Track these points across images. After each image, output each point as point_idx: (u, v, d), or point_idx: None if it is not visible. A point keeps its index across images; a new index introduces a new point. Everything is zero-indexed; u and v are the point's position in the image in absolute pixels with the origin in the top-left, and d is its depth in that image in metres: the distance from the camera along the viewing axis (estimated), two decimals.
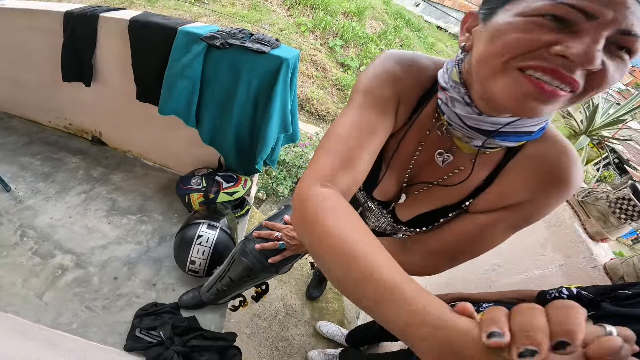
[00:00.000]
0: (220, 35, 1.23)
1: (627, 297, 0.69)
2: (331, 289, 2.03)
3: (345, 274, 0.35)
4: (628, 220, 0.92)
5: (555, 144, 0.50)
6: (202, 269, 1.25)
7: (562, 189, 0.49)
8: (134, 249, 1.40)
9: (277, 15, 9.37)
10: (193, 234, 1.24)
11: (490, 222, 0.54)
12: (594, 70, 0.35)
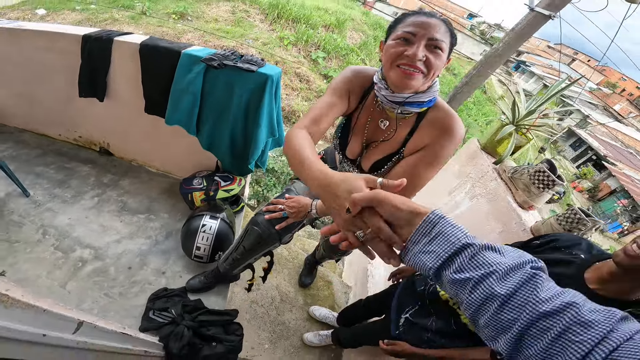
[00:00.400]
0: (217, 57, 1.47)
1: (538, 245, 0.94)
2: (321, 278, 2.21)
3: (296, 162, 0.71)
4: (545, 188, 1.18)
5: (444, 111, 0.88)
6: (206, 254, 1.43)
7: (449, 135, 0.85)
8: (145, 242, 1.57)
9: (260, 30, 9.65)
10: (198, 224, 1.43)
11: (415, 160, 0.89)
12: (423, 60, 0.75)
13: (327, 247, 1.67)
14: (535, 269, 0.40)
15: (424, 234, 0.43)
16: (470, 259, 0.40)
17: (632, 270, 0.70)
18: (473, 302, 0.40)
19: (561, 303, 0.36)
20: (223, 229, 1.46)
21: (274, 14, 9.93)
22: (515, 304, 0.37)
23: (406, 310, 1.09)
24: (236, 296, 1.76)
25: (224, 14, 9.91)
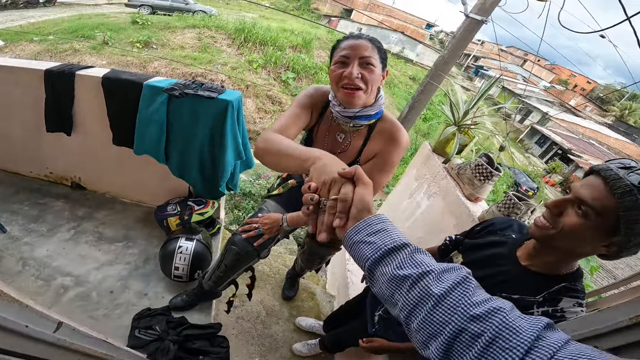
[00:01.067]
0: (178, 87, 1.54)
1: (478, 231, 1.02)
2: (304, 289, 2.24)
3: (276, 156, 0.75)
4: (486, 180, 1.32)
5: (390, 122, 1.02)
6: (185, 274, 1.47)
7: (395, 143, 0.99)
8: (124, 267, 1.60)
9: (228, 55, 9.82)
10: (174, 246, 1.48)
11: (368, 168, 1.00)
12: (360, 77, 0.88)
13: (304, 259, 1.72)
14: (468, 274, 0.41)
15: (369, 224, 0.45)
16: (409, 256, 0.42)
17: (547, 242, 0.74)
18: (409, 302, 0.40)
19: (490, 307, 0.36)
20: (200, 249, 1.51)
21: (240, 38, 10.14)
22: (448, 305, 0.38)
23: (379, 307, 1.14)
24: (222, 313, 1.74)
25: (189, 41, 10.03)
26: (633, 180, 0.61)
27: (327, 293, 2.33)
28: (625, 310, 0.50)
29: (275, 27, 11.49)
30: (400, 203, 1.89)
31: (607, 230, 0.64)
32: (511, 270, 0.82)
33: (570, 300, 0.74)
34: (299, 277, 2.10)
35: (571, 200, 0.68)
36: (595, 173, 0.67)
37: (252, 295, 1.50)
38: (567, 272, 0.77)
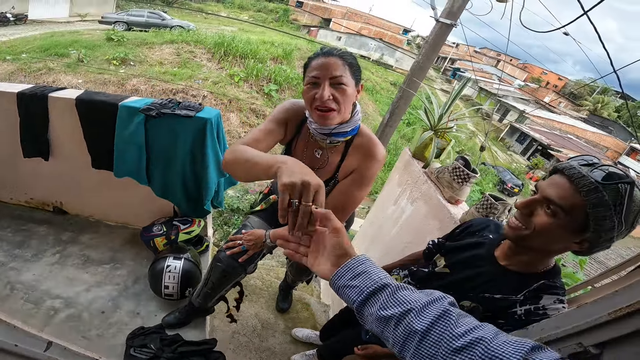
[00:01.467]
0: (154, 106, 1.53)
1: (458, 233, 1.03)
2: (298, 301, 2.23)
3: (244, 165, 0.78)
4: (463, 182, 1.36)
5: (367, 137, 1.01)
6: (176, 292, 1.46)
7: (372, 158, 0.99)
8: (114, 288, 1.58)
9: (209, 69, 9.77)
10: (162, 265, 1.47)
11: (347, 183, 1.02)
12: (331, 98, 0.87)
13: (293, 271, 1.72)
14: (449, 304, 0.43)
15: (350, 268, 0.49)
16: (391, 296, 0.44)
17: (521, 242, 0.74)
18: (398, 339, 0.42)
19: (472, 338, 0.38)
20: (188, 267, 1.50)
21: (220, 52, 10.13)
22: (432, 340, 0.40)
23: None
24: (217, 329, 1.76)
25: (168, 57, 9.95)
26: (596, 177, 0.61)
27: (321, 303, 2.32)
28: (604, 305, 0.51)
29: (255, 39, 11.55)
30: (386, 209, 1.92)
31: (577, 227, 0.64)
32: (491, 271, 0.83)
33: (550, 297, 0.75)
34: (292, 289, 2.10)
35: (539, 201, 0.68)
36: (560, 172, 0.67)
37: (239, 307, 1.51)
38: (544, 269, 0.78)
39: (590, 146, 22.68)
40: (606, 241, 0.64)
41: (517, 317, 0.75)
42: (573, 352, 0.52)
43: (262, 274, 2.38)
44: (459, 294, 0.85)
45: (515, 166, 19.03)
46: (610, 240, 0.64)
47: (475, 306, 0.83)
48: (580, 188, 0.62)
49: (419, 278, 1.01)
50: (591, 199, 0.60)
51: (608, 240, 0.64)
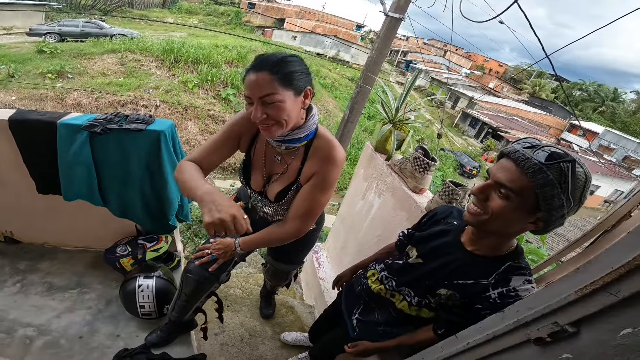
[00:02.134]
0: (98, 122, 1.40)
1: (424, 222, 1.05)
2: (282, 305, 2.20)
3: (182, 185, 0.91)
4: (424, 171, 1.42)
5: (325, 140, 0.98)
6: (153, 310, 1.42)
7: (330, 161, 0.97)
8: (87, 312, 1.51)
9: (159, 77, 9.26)
10: (133, 286, 1.41)
11: (309, 188, 1.00)
12: (264, 118, 0.84)
13: (269, 276, 1.70)
14: None
15: None
16: None
17: (482, 227, 0.76)
18: None
19: None
20: (162, 285, 1.45)
21: (170, 59, 9.64)
22: None
23: (354, 311, 1.16)
24: (205, 343, 1.69)
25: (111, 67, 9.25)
26: (540, 158, 0.64)
27: (305, 304, 2.32)
28: (570, 283, 0.51)
29: (207, 43, 11.14)
30: (355, 204, 1.95)
31: (529, 208, 0.67)
32: (460, 257, 0.85)
33: (519, 278, 0.77)
34: (273, 294, 2.07)
35: (492, 185, 0.70)
36: (506, 156, 0.69)
37: (223, 318, 1.49)
38: (508, 251, 0.80)
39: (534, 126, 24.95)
40: (558, 218, 0.67)
41: (492, 301, 0.78)
42: (552, 332, 0.53)
43: (241, 283, 2.34)
44: (435, 282, 0.89)
45: (471, 149, 20.41)
46: (562, 217, 0.67)
47: (452, 294, 0.85)
48: (526, 170, 0.64)
49: (395, 270, 1.02)
50: (537, 179, 0.63)
51: (560, 217, 0.67)
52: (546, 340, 0.53)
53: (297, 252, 1.44)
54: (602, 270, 0.46)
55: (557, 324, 0.52)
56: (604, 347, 0.46)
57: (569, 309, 0.51)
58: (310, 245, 1.43)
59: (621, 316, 0.45)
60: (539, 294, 0.59)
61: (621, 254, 0.44)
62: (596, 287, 0.46)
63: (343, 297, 1.27)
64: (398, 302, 1.00)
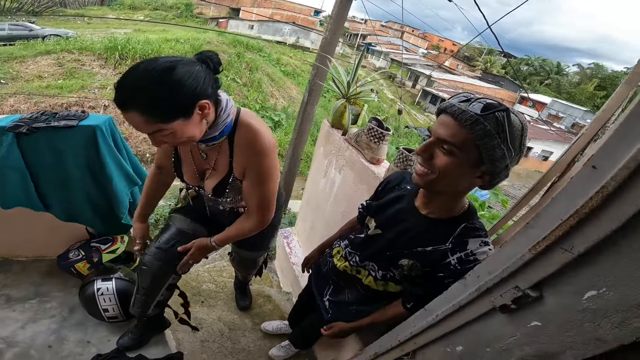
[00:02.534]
0: (23, 122, 1.27)
1: (380, 191, 1.03)
2: (258, 295, 2.17)
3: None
4: (379, 141, 1.44)
5: (247, 128, 0.90)
6: (118, 313, 1.38)
7: (258, 151, 0.90)
8: (52, 321, 1.46)
9: (105, 77, 8.60)
10: (92, 290, 1.36)
11: (249, 184, 0.97)
12: (166, 142, 0.80)
13: (235, 265, 1.66)
14: None
15: None
16: None
17: (431, 187, 0.74)
18: None
19: None
20: (122, 286, 1.41)
21: (115, 57, 8.92)
22: None
23: (325, 292, 1.14)
24: (183, 341, 1.65)
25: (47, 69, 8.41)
26: (476, 109, 0.64)
27: (282, 292, 2.31)
28: (522, 241, 0.48)
29: (155, 38, 10.45)
30: (318, 183, 1.94)
31: (473, 162, 0.67)
32: (415, 223, 0.84)
33: (475, 240, 0.76)
34: (247, 285, 2.04)
35: (434, 142, 0.69)
36: (444, 111, 0.69)
37: (190, 314, 1.48)
38: (461, 211, 0.80)
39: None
40: (503, 170, 0.68)
41: (453, 267, 0.77)
42: (515, 298, 0.50)
43: (213, 277, 2.28)
44: (395, 253, 0.87)
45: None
46: (506, 169, 0.68)
47: (413, 263, 0.83)
48: (464, 123, 0.64)
49: (357, 245, 1.00)
50: (476, 131, 0.63)
51: (504, 169, 0.67)
52: (511, 307, 0.51)
53: (259, 237, 1.38)
54: (551, 223, 0.43)
55: (519, 289, 0.49)
56: (570, 313, 0.43)
57: (526, 271, 0.49)
58: (272, 229, 1.38)
59: (581, 276, 0.42)
60: (495, 256, 0.57)
61: (568, 203, 0.41)
62: (549, 243, 0.44)
63: (312, 279, 1.25)
64: (364, 278, 0.98)
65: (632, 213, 0.35)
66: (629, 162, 0.34)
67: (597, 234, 0.38)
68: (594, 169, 0.39)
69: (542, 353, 0.48)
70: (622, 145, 0.35)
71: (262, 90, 11.25)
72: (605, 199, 0.37)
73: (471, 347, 0.65)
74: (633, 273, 0.37)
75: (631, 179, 0.35)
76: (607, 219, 0.37)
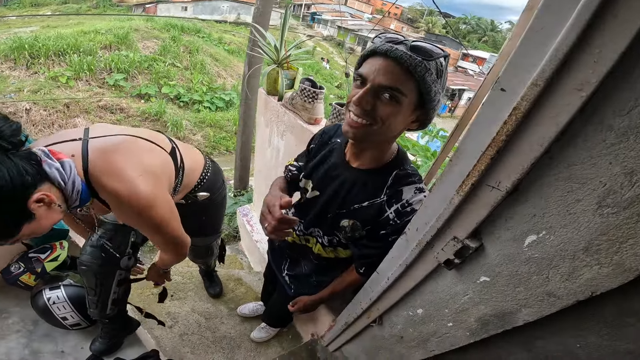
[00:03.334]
0: None
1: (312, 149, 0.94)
2: (229, 279, 2.15)
3: None
4: (314, 101, 1.44)
5: (105, 192, 0.73)
6: (79, 319, 1.35)
7: (125, 209, 0.74)
8: (19, 336, 1.41)
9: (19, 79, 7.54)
10: (42, 301, 1.31)
11: (144, 232, 0.89)
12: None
13: (191, 256, 1.61)
14: None
15: None
16: None
17: (368, 138, 0.68)
18: None
19: None
20: (73, 292, 1.35)
21: (25, 57, 7.80)
22: None
23: (283, 268, 1.10)
24: (162, 337, 1.64)
25: None
26: (421, 54, 0.60)
27: (253, 272, 2.31)
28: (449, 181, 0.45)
29: (69, 32, 9.23)
30: (265, 154, 1.92)
31: (414, 106, 0.64)
32: (348, 178, 0.79)
33: (409, 188, 0.73)
34: (214, 271, 2.00)
35: (373, 90, 0.62)
36: (381, 55, 0.61)
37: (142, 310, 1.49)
38: (391, 158, 0.76)
39: None
40: (434, 110, 0.66)
41: (393, 222, 0.73)
42: (456, 251, 0.47)
43: (178, 268, 2.19)
44: (335, 214, 0.81)
45: None
46: (435, 109, 0.66)
47: (354, 223, 0.79)
48: (411, 68, 0.59)
49: (298, 212, 0.94)
50: (423, 77, 0.60)
51: (435, 110, 0.66)
52: (455, 262, 0.48)
53: (203, 222, 1.33)
54: (472, 158, 0.39)
55: (457, 239, 0.46)
56: (514, 264, 0.40)
57: (460, 217, 0.45)
58: (213, 211, 1.31)
59: (516, 218, 0.38)
60: (427, 204, 0.53)
61: (482, 131, 0.37)
62: (474, 181, 0.39)
63: (270, 256, 1.21)
64: (314, 247, 0.94)
65: (553, 136, 0.32)
66: (537, 78, 0.31)
67: (520, 164, 0.35)
68: (503, 92, 0.36)
69: (499, 312, 0.46)
70: (527, 62, 0.32)
71: (206, 71, 10.61)
72: (520, 121, 0.33)
73: (431, 309, 0.63)
74: (570, 209, 0.33)
75: (544, 96, 0.31)
76: (528, 145, 0.33)
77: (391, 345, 0.87)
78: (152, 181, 0.77)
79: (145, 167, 0.77)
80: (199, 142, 8.14)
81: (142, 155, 0.79)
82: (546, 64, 0.30)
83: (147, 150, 0.82)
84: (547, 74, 0.30)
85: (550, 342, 0.44)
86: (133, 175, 0.73)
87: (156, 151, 0.86)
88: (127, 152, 0.76)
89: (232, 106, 9.67)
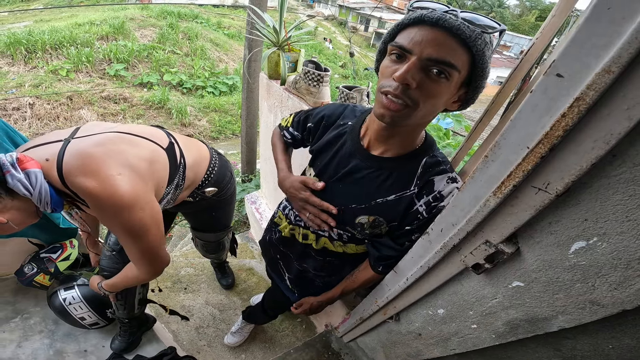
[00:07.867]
0: None
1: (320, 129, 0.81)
2: (240, 270, 2.16)
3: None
4: (318, 84, 1.36)
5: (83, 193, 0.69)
6: (96, 318, 1.36)
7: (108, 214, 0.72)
8: (43, 336, 1.45)
9: (18, 74, 7.50)
10: (59, 302, 1.33)
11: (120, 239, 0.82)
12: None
13: (203, 251, 1.59)
14: None
15: None
16: None
17: (403, 121, 0.58)
18: None
19: None
20: (88, 292, 1.37)
21: (22, 52, 7.76)
22: None
23: (282, 273, 1.02)
24: (179, 332, 1.68)
25: None
26: (478, 23, 0.52)
27: (264, 262, 2.30)
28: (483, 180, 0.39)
29: (63, 25, 9.11)
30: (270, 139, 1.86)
31: (462, 83, 0.56)
32: (369, 167, 0.68)
33: (441, 177, 0.64)
34: (225, 262, 1.99)
35: (424, 65, 0.52)
36: (430, 24, 0.51)
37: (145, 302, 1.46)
38: (420, 143, 0.67)
39: None
40: (483, 88, 0.58)
41: (421, 217, 0.65)
42: (488, 255, 0.41)
43: (189, 260, 2.23)
44: (348, 209, 0.71)
45: None
46: (484, 87, 0.57)
47: (375, 219, 0.69)
48: (468, 40, 0.50)
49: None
50: (481, 49, 0.52)
51: (483, 87, 0.57)
52: (485, 266, 0.42)
53: (213, 218, 1.31)
54: (515, 154, 0.33)
55: (490, 244, 0.41)
56: (555, 270, 0.35)
57: (494, 221, 0.39)
58: (224, 207, 1.28)
59: (563, 223, 0.33)
60: (455, 203, 0.47)
61: (532, 125, 0.31)
62: (517, 182, 0.34)
63: (266, 264, 1.11)
64: (314, 243, 0.83)
65: (623, 132, 0.25)
66: (610, 64, 0.24)
67: (578, 165, 0.29)
68: (559, 78, 0.28)
69: (531, 317, 0.41)
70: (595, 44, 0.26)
71: (207, 57, 10.45)
72: (584, 114, 0.26)
73: (453, 310, 0.59)
74: (630, 214, 0.28)
75: (616, 86, 0.24)
76: (591, 142, 0.27)
77: (408, 340, 0.84)
78: (133, 180, 0.72)
79: (127, 165, 0.72)
80: (204, 127, 8.11)
81: (124, 153, 0.74)
82: (623, 48, 0.23)
83: (132, 147, 0.76)
84: (625, 59, 0.23)
85: (580, 342, 0.40)
86: (110, 174, 0.69)
87: (143, 146, 0.79)
88: (106, 150, 0.72)
89: (236, 90, 9.60)
